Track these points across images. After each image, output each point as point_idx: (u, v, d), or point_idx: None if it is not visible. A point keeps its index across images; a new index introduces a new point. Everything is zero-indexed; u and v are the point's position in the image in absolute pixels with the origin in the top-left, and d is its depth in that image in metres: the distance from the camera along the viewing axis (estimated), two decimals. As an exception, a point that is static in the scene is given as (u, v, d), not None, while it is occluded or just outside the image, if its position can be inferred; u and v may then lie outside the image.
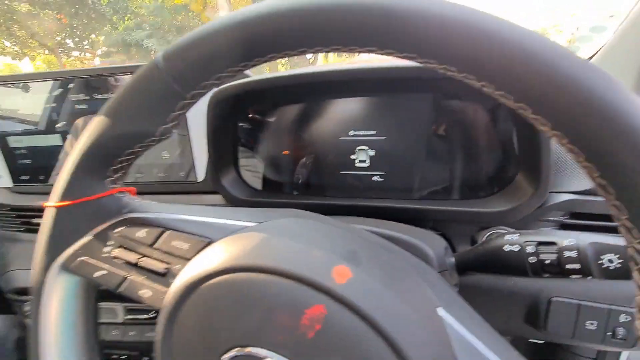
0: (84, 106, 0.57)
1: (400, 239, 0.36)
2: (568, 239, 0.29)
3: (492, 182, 0.47)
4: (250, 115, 0.56)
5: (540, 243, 0.30)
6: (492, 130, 0.46)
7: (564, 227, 0.44)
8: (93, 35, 12.88)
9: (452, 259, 0.38)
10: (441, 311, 0.24)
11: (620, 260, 0.26)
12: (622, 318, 0.42)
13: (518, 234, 0.32)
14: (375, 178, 0.53)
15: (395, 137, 0.51)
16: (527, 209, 0.42)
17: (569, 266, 0.28)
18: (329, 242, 0.26)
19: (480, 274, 0.36)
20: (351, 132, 0.52)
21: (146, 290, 0.27)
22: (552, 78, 0.16)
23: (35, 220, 0.62)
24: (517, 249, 0.31)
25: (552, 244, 0.29)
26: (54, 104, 0.58)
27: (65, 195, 0.28)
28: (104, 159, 0.28)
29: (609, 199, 0.17)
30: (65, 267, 0.28)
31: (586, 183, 0.42)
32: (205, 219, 0.29)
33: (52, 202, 0.28)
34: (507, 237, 0.32)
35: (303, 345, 0.21)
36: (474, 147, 0.47)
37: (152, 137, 0.27)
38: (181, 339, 0.24)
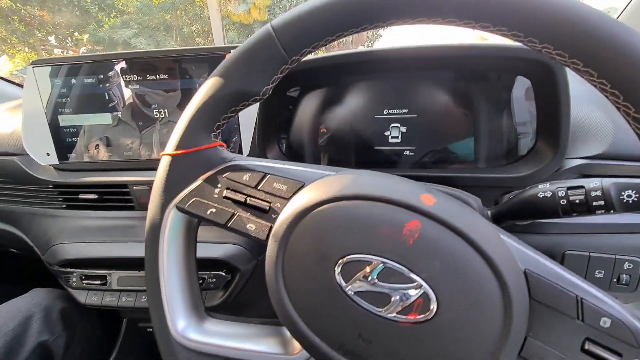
0: (136, 86, 0.61)
1: (451, 193, 0.42)
2: (594, 182, 0.35)
3: (516, 151, 0.53)
4: (294, 94, 0.61)
5: (569, 188, 0.36)
6: (514, 103, 0.53)
7: (577, 188, 0.51)
8: (77, 33, 12.58)
9: (488, 212, 0.44)
10: (503, 237, 0.30)
11: (638, 195, 0.33)
12: (626, 265, 0.50)
13: (549, 183, 0.38)
14: (406, 152, 0.59)
15: (425, 115, 0.57)
16: (545, 173, 0.49)
17: (595, 203, 0.35)
18: (407, 182, 0.32)
19: (514, 221, 0.42)
20: (385, 111, 0.58)
21: (251, 225, 0.32)
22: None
23: (82, 196, 0.66)
24: (549, 195, 0.37)
25: (580, 187, 0.36)
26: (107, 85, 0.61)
27: (179, 145, 0.32)
28: (213, 115, 0.33)
29: None
30: (180, 208, 0.33)
31: (594, 149, 0.49)
32: (296, 167, 0.34)
33: (168, 150, 0.33)
34: (540, 186, 0.39)
35: (405, 249, 0.26)
36: (498, 120, 0.54)
37: (256, 96, 0.32)
38: (295, 256, 0.29)
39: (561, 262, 0.52)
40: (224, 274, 0.61)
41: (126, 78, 0.61)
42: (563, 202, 0.37)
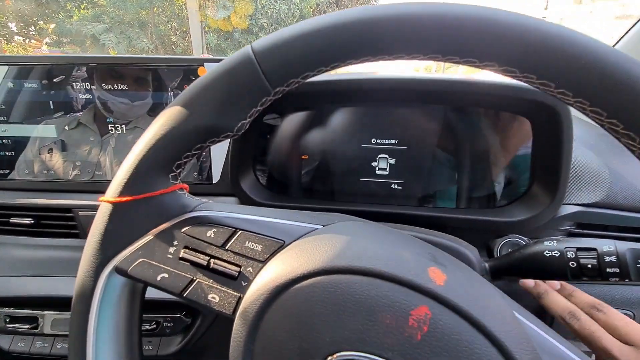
0: (87, 96, 0.53)
1: (444, 244, 0.37)
2: (607, 245, 0.32)
3: (509, 192, 0.50)
4: (273, 118, 0.55)
5: (580, 249, 0.33)
6: (508, 142, 0.50)
7: (572, 236, 0.48)
8: (41, 22, 11.81)
9: (486, 264, 0.40)
10: (516, 314, 0.25)
11: (657, 264, 0.30)
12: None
13: (556, 241, 0.35)
14: (393, 186, 0.55)
15: (415, 147, 0.53)
16: (542, 219, 0.46)
17: (609, 270, 0.31)
18: (407, 245, 0.27)
19: (514, 277, 0.38)
20: (373, 140, 0.54)
21: (214, 295, 0.25)
22: None
23: (14, 220, 0.55)
24: (557, 255, 0.34)
25: (592, 249, 0.32)
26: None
27: (125, 190, 0.25)
28: (172, 152, 0.26)
29: None
30: (121, 270, 0.25)
31: (591, 197, 0.47)
32: (273, 220, 0.28)
33: (109, 196, 0.25)
34: (546, 243, 0.35)
35: (412, 347, 0.21)
36: (491, 158, 0.51)
37: (228, 132, 0.26)
38: (269, 344, 0.23)
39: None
40: (183, 317, 0.53)
41: (86, 85, 0.52)
42: (572, 264, 0.33)
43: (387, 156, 0.54)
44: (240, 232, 0.26)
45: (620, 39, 0.60)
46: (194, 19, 9.47)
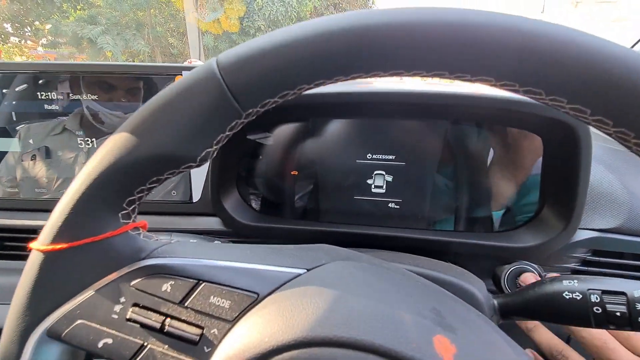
0: (54, 107, 0.48)
1: (448, 281, 0.33)
2: (638, 290, 0.27)
3: (516, 216, 0.46)
4: (261, 137, 0.50)
5: (605, 292, 0.28)
6: (516, 161, 0.45)
7: (587, 264, 0.44)
8: (37, 22, 11.71)
9: (495, 302, 0.36)
10: None
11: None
12: None
13: (576, 280, 0.30)
14: (391, 204, 0.50)
15: (414, 164, 0.48)
16: (555, 245, 0.42)
17: (642, 319, 0.27)
18: (406, 297, 0.22)
19: (527, 319, 0.34)
20: (369, 156, 0.49)
21: None
22: None
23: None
24: (579, 297, 0.29)
25: (620, 293, 0.28)
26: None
27: (60, 235, 0.20)
28: (121, 188, 0.21)
29: None
30: (55, 334, 0.21)
31: (609, 222, 0.42)
32: (245, 265, 0.24)
33: (41, 243, 0.21)
34: (565, 282, 0.30)
35: None
36: (498, 178, 0.46)
37: (190, 162, 0.21)
38: None
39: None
40: None
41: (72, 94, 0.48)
42: (597, 309, 0.28)
43: (383, 173, 0.50)
44: (203, 284, 0.22)
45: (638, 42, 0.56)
46: (191, 20, 9.41)
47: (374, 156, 0.49)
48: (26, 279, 0.21)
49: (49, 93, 0.49)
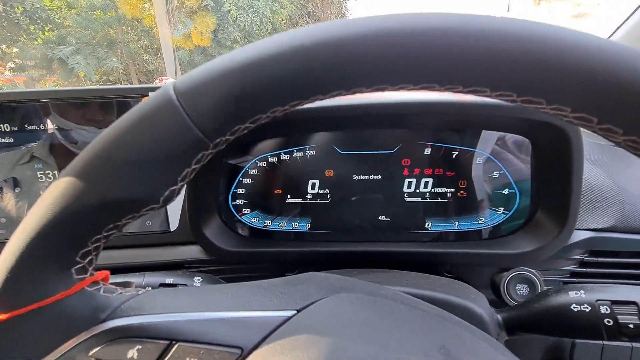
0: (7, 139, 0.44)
1: (453, 303, 0.31)
2: None
3: (510, 221, 0.44)
4: (239, 161, 0.47)
5: (614, 302, 0.27)
6: (508, 167, 0.44)
7: (584, 265, 0.43)
8: (4, 46, 11.29)
9: (499, 316, 0.34)
10: None
11: None
12: None
13: (583, 291, 0.29)
14: (381, 218, 0.48)
15: (402, 179, 0.46)
16: (552, 250, 0.40)
17: (657, 330, 0.25)
18: (410, 336, 0.20)
19: (534, 334, 0.32)
20: (355, 177, 0.47)
21: None
22: None
23: None
24: (588, 310, 0.28)
25: (632, 303, 0.26)
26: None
27: (1, 302, 0.17)
28: (71, 240, 0.18)
29: None
30: None
31: (604, 221, 0.41)
32: (226, 314, 0.21)
33: (-25, 316, 0.17)
34: (572, 293, 0.29)
35: None
36: (490, 185, 0.45)
37: (153, 204, 0.18)
38: None
39: (571, 352, 0.43)
40: None
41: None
42: (608, 322, 0.27)
43: (373, 190, 0.47)
44: (177, 344, 0.19)
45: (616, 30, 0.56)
46: (164, 36, 9.29)
47: (362, 177, 0.47)
48: None
49: (12, 123, 0.45)
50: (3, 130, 0.45)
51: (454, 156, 0.45)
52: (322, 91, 0.16)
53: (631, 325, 0.26)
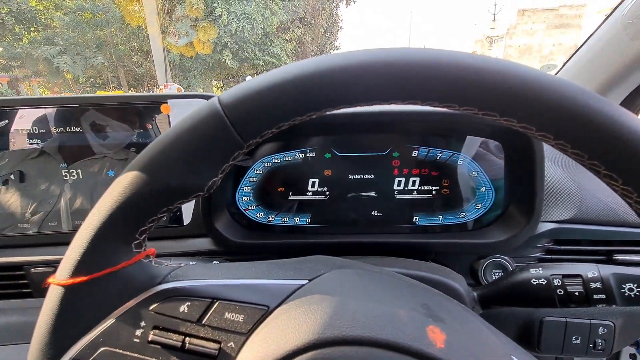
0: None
1: (436, 280, 0.36)
2: (591, 271, 0.32)
3: (486, 216, 0.51)
4: (243, 160, 0.52)
5: (565, 276, 0.33)
6: (485, 167, 0.50)
7: (550, 252, 0.49)
8: (-13, 46, 11.04)
9: (474, 294, 0.39)
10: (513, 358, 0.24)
11: (639, 288, 0.30)
12: (601, 330, 0.48)
13: (541, 268, 0.35)
14: (374, 213, 0.54)
15: (392, 179, 0.52)
16: (521, 238, 0.47)
17: (595, 296, 0.31)
18: (399, 296, 0.25)
19: (506, 307, 0.38)
20: (350, 177, 0.52)
21: None
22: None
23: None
24: (544, 282, 0.34)
25: (577, 276, 0.32)
26: None
27: (79, 269, 0.22)
28: (134, 220, 0.23)
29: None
30: (79, 363, 0.22)
31: (565, 213, 0.48)
32: (253, 281, 0.26)
33: (61, 277, 0.22)
34: (532, 271, 0.35)
35: None
36: (468, 183, 0.51)
37: (199, 191, 0.23)
38: None
39: (539, 328, 0.49)
40: None
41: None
42: (560, 292, 0.33)
43: (366, 188, 0.53)
44: (218, 302, 0.24)
45: (563, 66, 0.64)
46: (155, 38, 9.25)
47: (357, 176, 0.52)
48: (47, 313, 0.22)
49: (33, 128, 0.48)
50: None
51: (438, 158, 0.51)
52: (332, 105, 0.22)
53: (576, 293, 0.32)
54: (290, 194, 0.53)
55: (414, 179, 0.52)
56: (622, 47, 0.49)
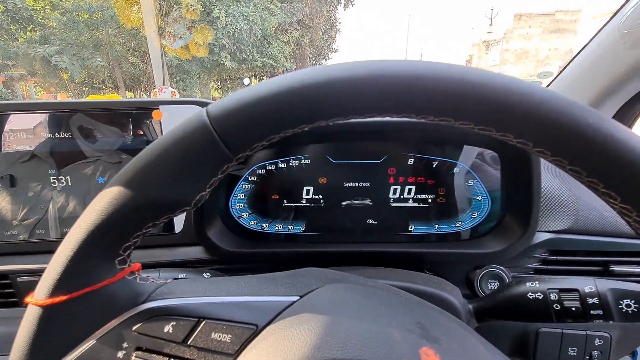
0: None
1: (431, 293, 0.36)
2: (588, 286, 0.31)
3: (483, 225, 0.50)
4: (237, 169, 0.51)
5: (562, 290, 0.32)
6: (481, 178, 0.50)
7: (546, 263, 0.49)
8: (-18, 45, 10.95)
9: (470, 306, 0.39)
10: None
11: (637, 305, 0.30)
12: (597, 342, 0.48)
13: (537, 281, 0.34)
14: (369, 221, 0.53)
15: (388, 187, 0.51)
16: (518, 249, 0.46)
17: (592, 312, 0.31)
18: (394, 315, 0.24)
19: (500, 322, 0.37)
20: (346, 184, 0.52)
21: None
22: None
23: None
24: (540, 297, 0.33)
25: (574, 290, 0.32)
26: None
27: (59, 288, 0.21)
28: (117, 236, 0.22)
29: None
30: (57, 387, 0.21)
31: (561, 223, 0.48)
32: (242, 298, 0.25)
33: (39, 297, 0.21)
34: (528, 284, 0.34)
35: None
36: (465, 193, 0.50)
37: (185, 206, 0.22)
38: None
39: (535, 340, 0.48)
40: None
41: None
42: (556, 306, 0.32)
43: (362, 196, 0.52)
44: (204, 321, 0.23)
45: (559, 74, 0.64)
46: (153, 39, 9.22)
47: (352, 184, 0.51)
48: (24, 334, 0.21)
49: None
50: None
51: (434, 166, 0.50)
52: (324, 117, 0.21)
53: (573, 309, 0.31)
54: (285, 201, 0.53)
55: (410, 187, 0.51)
56: (619, 56, 0.49)
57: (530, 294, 0.34)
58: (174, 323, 0.22)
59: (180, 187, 0.22)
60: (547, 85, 0.67)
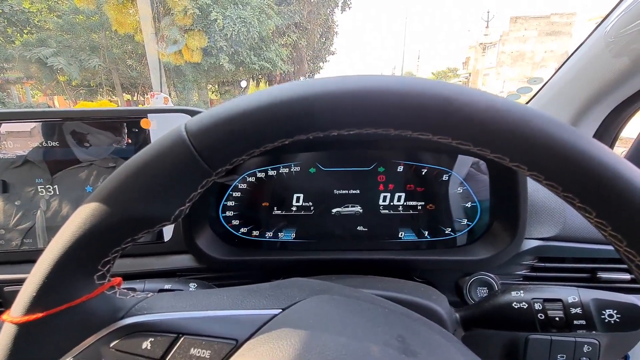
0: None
1: (416, 303, 0.36)
2: (572, 296, 0.32)
3: (472, 232, 0.50)
4: (228, 180, 0.51)
5: (546, 300, 0.33)
6: (474, 187, 0.50)
7: (535, 270, 0.49)
8: (-22, 47, 10.91)
9: (457, 315, 0.39)
10: None
11: (619, 315, 0.30)
12: (585, 348, 0.48)
13: (523, 291, 0.34)
14: (360, 228, 0.53)
15: (378, 194, 0.52)
16: (506, 256, 0.46)
17: (575, 322, 0.31)
18: (374, 329, 0.24)
19: (487, 330, 0.37)
20: (336, 192, 0.52)
21: None
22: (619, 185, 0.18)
23: None
24: (525, 307, 0.33)
25: (558, 300, 0.32)
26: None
27: (35, 305, 0.21)
28: (96, 251, 0.22)
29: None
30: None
31: (549, 231, 0.48)
32: (222, 312, 0.25)
33: (15, 314, 0.21)
34: (514, 293, 0.34)
35: None
36: (454, 200, 0.51)
37: (164, 221, 0.22)
38: None
39: (524, 347, 0.48)
40: None
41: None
42: (541, 316, 0.33)
43: (352, 203, 0.52)
44: (183, 337, 0.23)
45: (546, 83, 0.65)
46: (149, 42, 9.22)
47: (342, 192, 0.51)
48: (0, 352, 0.21)
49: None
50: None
51: (423, 173, 0.50)
52: (303, 131, 0.21)
53: (557, 319, 0.32)
54: (275, 209, 0.53)
55: (400, 194, 0.51)
56: (604, 65, 0.50)
57: (515, 303, 0.34)
58: (152, 339, 0.22)
59: (158, 203, 0.22)
60: (536, 93, 0.67)
